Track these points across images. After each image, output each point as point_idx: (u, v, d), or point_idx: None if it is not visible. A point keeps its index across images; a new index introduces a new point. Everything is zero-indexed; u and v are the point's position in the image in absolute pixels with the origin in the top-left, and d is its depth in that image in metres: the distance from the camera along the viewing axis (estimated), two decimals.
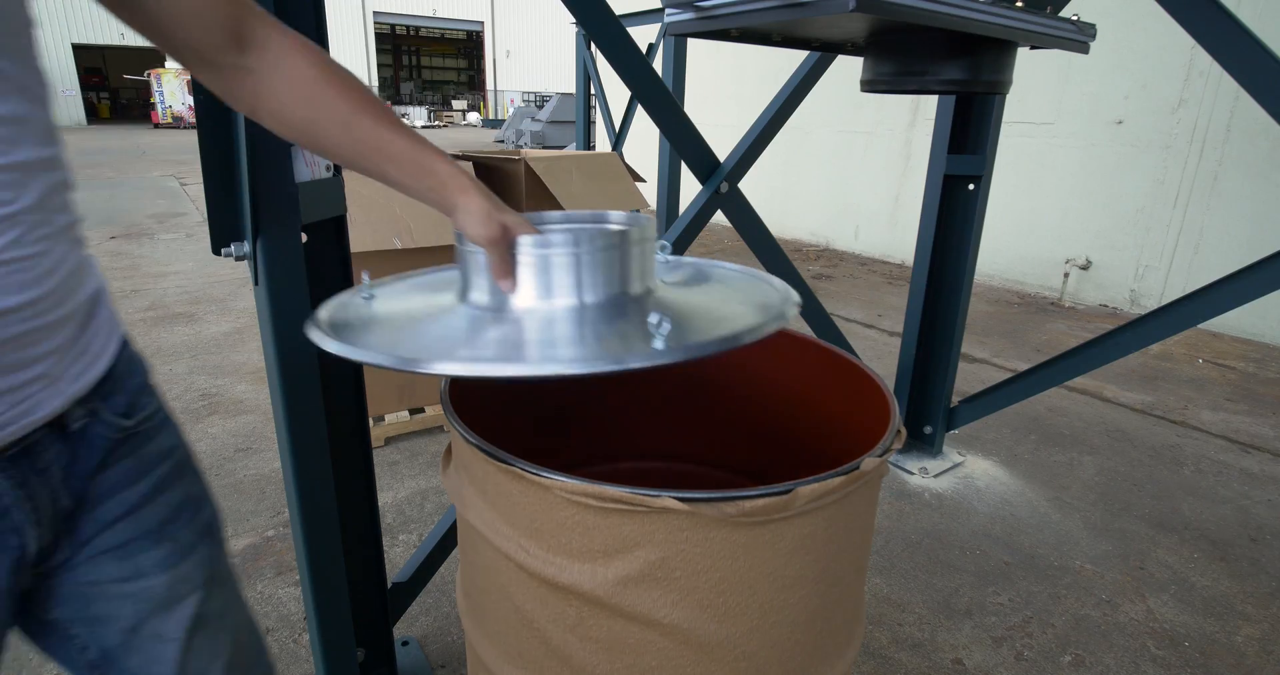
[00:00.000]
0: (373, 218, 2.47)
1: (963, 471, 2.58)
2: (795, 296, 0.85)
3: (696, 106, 7.42)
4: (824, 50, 1.28)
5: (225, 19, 0.64)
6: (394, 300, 0.92)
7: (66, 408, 0.62)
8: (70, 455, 0.64)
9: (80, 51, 25.78)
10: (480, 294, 0.81)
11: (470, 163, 2.79)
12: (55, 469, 0.63)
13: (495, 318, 0.78)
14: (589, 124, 5.94)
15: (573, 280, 0.78)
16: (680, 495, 0.71)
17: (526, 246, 0.76)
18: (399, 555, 2.02)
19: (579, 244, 0.77)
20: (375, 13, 32.58)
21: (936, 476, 2.54)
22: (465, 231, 0.75)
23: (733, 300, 0.86)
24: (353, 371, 1.26)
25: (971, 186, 2.34)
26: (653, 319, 0.69)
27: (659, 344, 0.67)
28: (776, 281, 0.93)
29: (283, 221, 1.01)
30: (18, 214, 0.54)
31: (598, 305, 0.79)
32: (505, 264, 0.77)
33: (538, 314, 0.78)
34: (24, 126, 0.55)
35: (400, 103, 39.81)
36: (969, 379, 3.43)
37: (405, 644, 1.67)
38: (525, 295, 0.79)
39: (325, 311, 0.85)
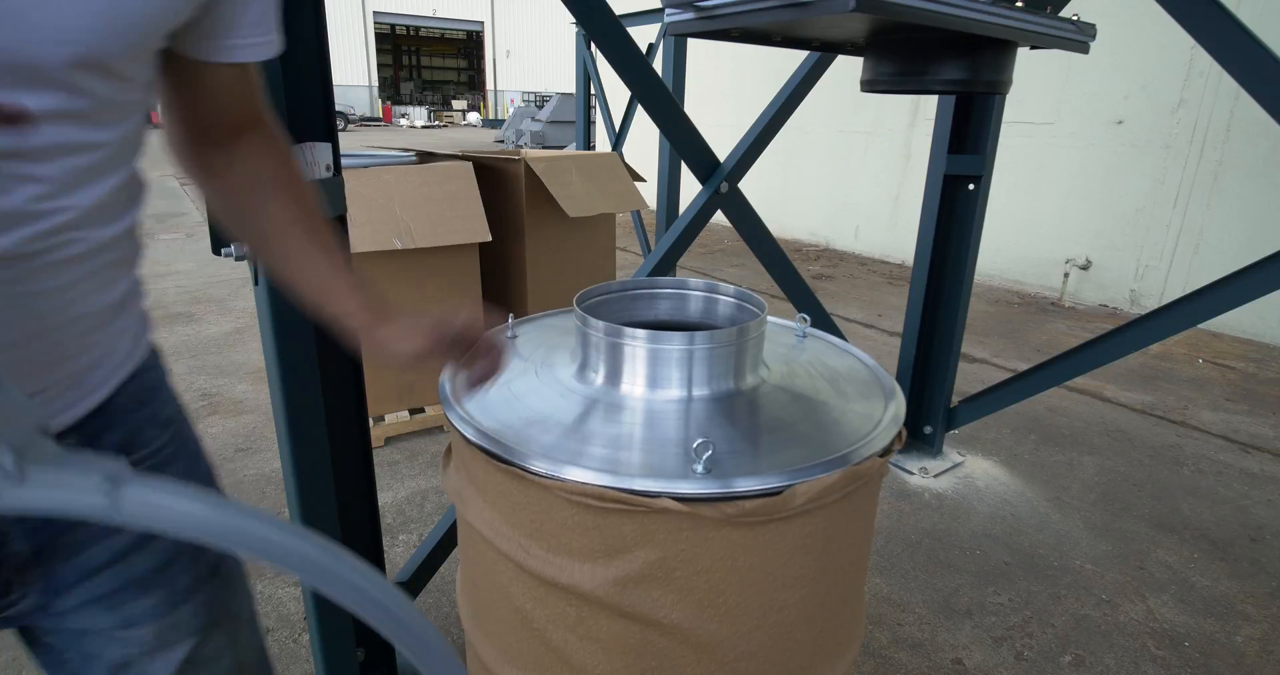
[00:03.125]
0: (373, 218, 2.47)
1: (963, 471, 2.58)
2: (898, 413, 0.87)
3: (696, 106, 7.42)
4: (824, 50, 1.28)
5: (252, 107, 0.69)
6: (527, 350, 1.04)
7: None
8: None
9: None
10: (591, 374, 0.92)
11: (470, 163, 2.79)
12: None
13: (593, 405, 0.88)
14: (589, 124, 5.94)
15: (683, 374, 0.87)
16: (679, 495, 0.71)
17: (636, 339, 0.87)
18: (399, 555, 2.02)
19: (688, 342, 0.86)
20: (375, 13, 32.57)
21: (936, 476, 2.53)
22: (394, 355, 0.72)
23: (813, 416, 0.88)
24: (353, 372, 1.26)
25: (971, 186, 2.34)
26: (697, 444, 0.74)
27: (699, 468, 0.73)
28: (892, 388, 0.95)
29: None
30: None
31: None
32: (470, 363, 0.77)
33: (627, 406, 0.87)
34: (119, 155, 0.56)
35: (400, 103, 39.81)
36: (969, 379, 3.43)
37: None
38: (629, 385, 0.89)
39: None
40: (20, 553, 0.61)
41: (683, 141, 1.86)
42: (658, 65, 4.56)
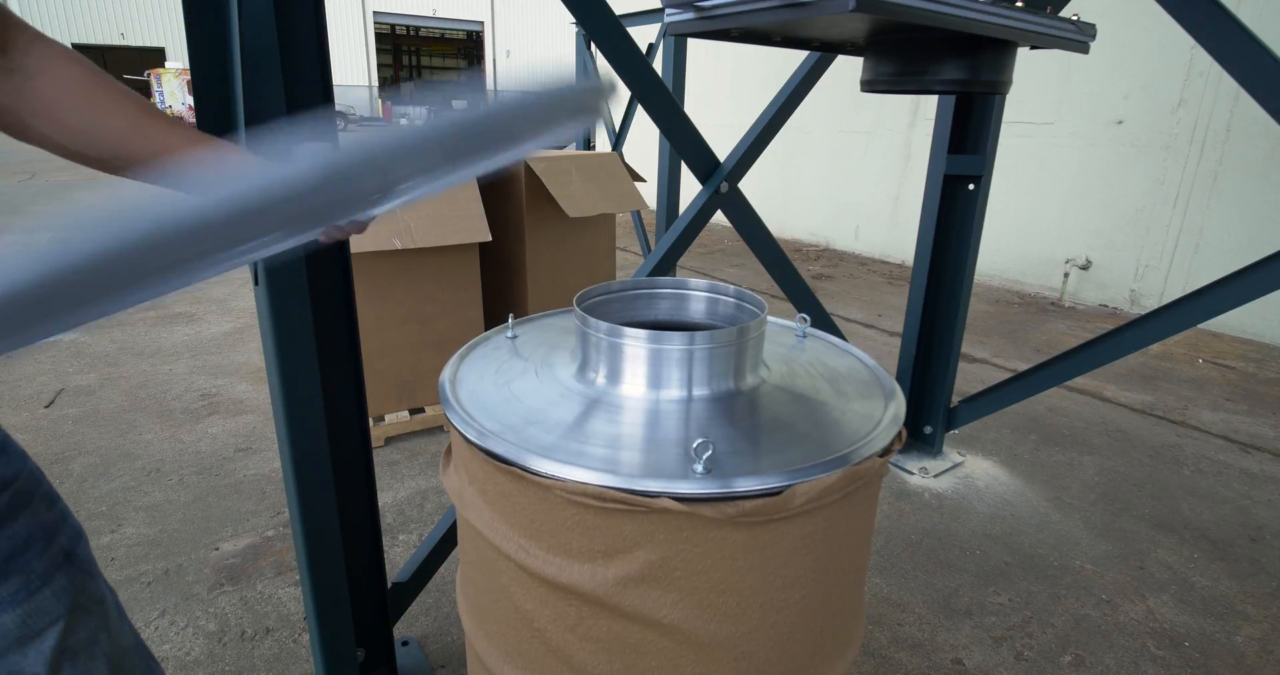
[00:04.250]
0: None
1: (963, 471, 2.58)
2: (898, 412, 0.87)
3: (696, 106, 7.42)
4: (824, 50, 1.28)
5: None
6: (528, 348, 1.05)
7: None
8: None
9: (80, 51, 25.74)
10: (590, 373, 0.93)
11: None
12: None
13: (592, 404, 0.88)
14: None
15: (683, 375, 0.87)
16: (679, 495, 0.71)
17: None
18: (399, 555, 2.02)
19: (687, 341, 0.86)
20: (375, 13, 32.56)
21: (936, 476, 2.53)
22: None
23: (813, 416, 0.88)
24: (352, 371, 1.26)
25: (971, 186, 2.34)
26: (696, 444, 0.73)
27: (699, 468, 0.73)
28: (892, 389, 0.95)
29: None
30: None
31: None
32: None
33: (625, 406, 0.87)
34: None
35: (400, 103, 39.75)
36: (969, 379, 3.43)
37: (405, 644, 1.67)
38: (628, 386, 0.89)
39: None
40: None
41: (683, 141, 1.86)
42: (658, 65, 4.56)
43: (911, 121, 5.91)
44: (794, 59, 2.02)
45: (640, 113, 5.11)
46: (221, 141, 0.73)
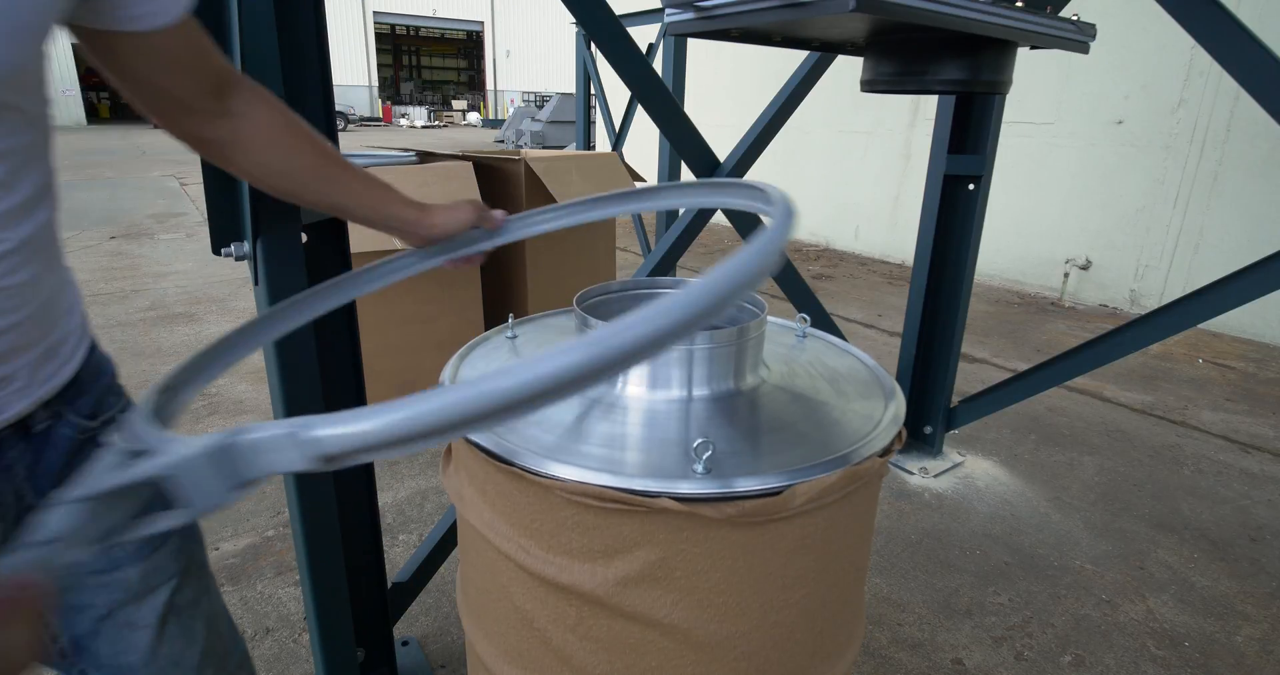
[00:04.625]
0: None
1: (963, 471, 2.58)
2: (898, 413, 0.87)
3: (696, 106, 7.42)
4: (824, 50, 1.28)
5: (212, 69, 0.71)
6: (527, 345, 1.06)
7: (31, 410, 0.64)
8: (34, 455, 0.66)
9: (81, 51, 25.73)
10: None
11: (470, 163, 2.79)
12: (19, 468, 0.65)
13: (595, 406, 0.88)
14: (589, 124, 5.93)
15: (684, 374, 0.87)
16: (679, 495, 0.71)
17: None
18: (399, 555, 2.02)
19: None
20: (375, 13, 32.57)
21: (936, 476, 2.54)
22: (453, 228, 0.93)
23: (813, 416, 0.88)
24: (353, 371, 1.26)
25: (971, 186, 2.34)
26: (696, 444, 0.73)
27: (699, 468, 0.72)
28: (892, 388, 0.95)
29: (283, 221, 1.02)
30: (17, 248, 0.57)
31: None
32: (488, 212, 0.96)
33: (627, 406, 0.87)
34: (31, 156, 0.58)
35: (400, 103, 39.81)
36: (969, 379, 3.43)
37: (405, 644, 1.67)
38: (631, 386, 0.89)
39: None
40: (31, 505, 0.67)
41: (683, 141, 1.86)
42: (658, 65, 4.56)
43: (911, 121, 5.91)
44: (794, 59, 2.02)
45: (640, 113, 5.10)
46: (383, 183, 0.87)
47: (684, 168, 3.71)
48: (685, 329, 0.42)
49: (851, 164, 6.49)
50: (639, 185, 0.98)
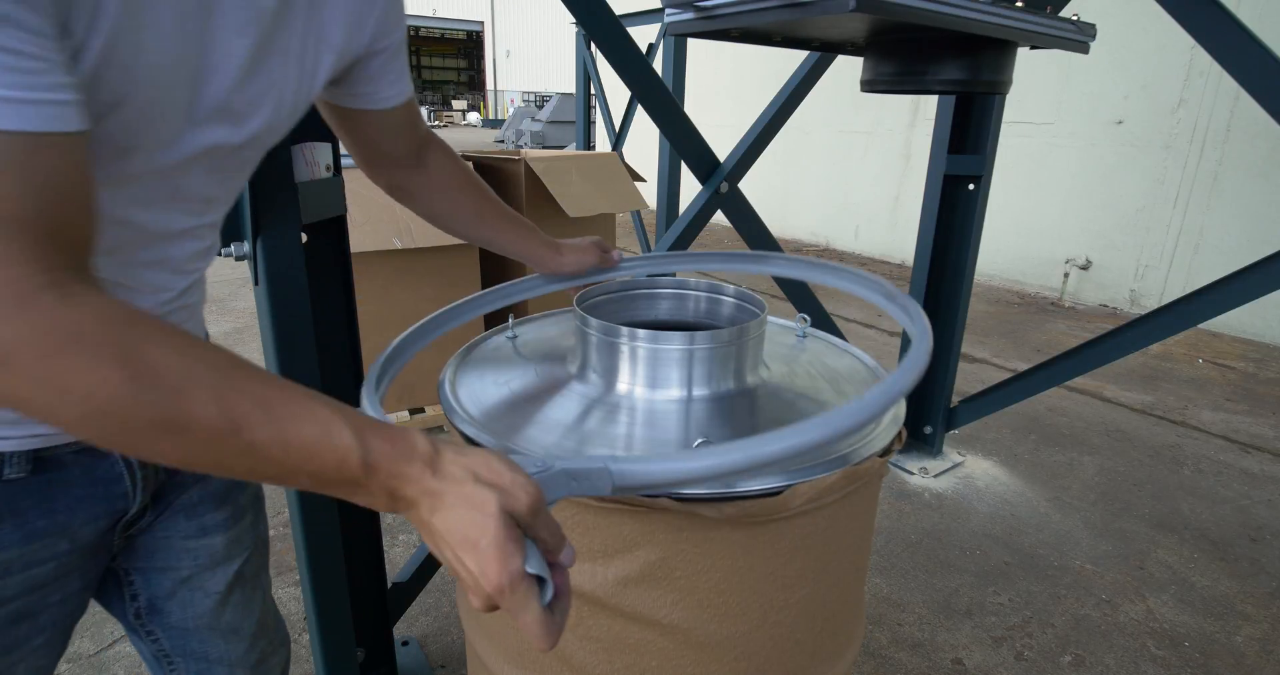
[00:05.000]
0: (373, 217, 2.47)
1: (963, 471, 2.58)
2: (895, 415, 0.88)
3: (696, 106, 7.41)
4: (824, 50, 1.28)
5: (419, 133, 0.90)
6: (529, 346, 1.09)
7: None
8: None
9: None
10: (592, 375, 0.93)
11: (470, 163, 2.79)
12: None
13: (593, 403, 0.88)
14: (589, 124, 5.93)
15: (683, 375, 0.88)
16: (680, 495, 0.71)
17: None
18: (399, 555, 2.02)
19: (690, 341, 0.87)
20: None
21: (936, 476, 2.54)
22: (577, 266, 1.06)
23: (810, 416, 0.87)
24: (352, 371, 1.26)
25: (971, 186, 2.34)
26: (696, 444, 0.74)
27: None
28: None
29: (283, 221, 1.02)
30: (202, 277, 0.72)
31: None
32: (608, 254, 1.10)
33: (626, 405, 0.88)
34: (217, 226, 0.71)
35: None
36: (969, 379, 3.43)
37: (405, 644, 1.67)
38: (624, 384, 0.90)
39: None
40: (163, 479, 0.75)
41: (683, 141, 1.86)
42: (658, 65, 4.56)
43: (911, 121, 5.91)
44: (794, 59, 2.02)
45: (640, 113, 5.11)
46: (527, 225, 1.01)
47: (684, 168, 3.71)
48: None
49: (851, 164, 6.49)
50: (802, 258, 1.07)
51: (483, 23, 35.89)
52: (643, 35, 3.87)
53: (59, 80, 0.42)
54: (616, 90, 6.14)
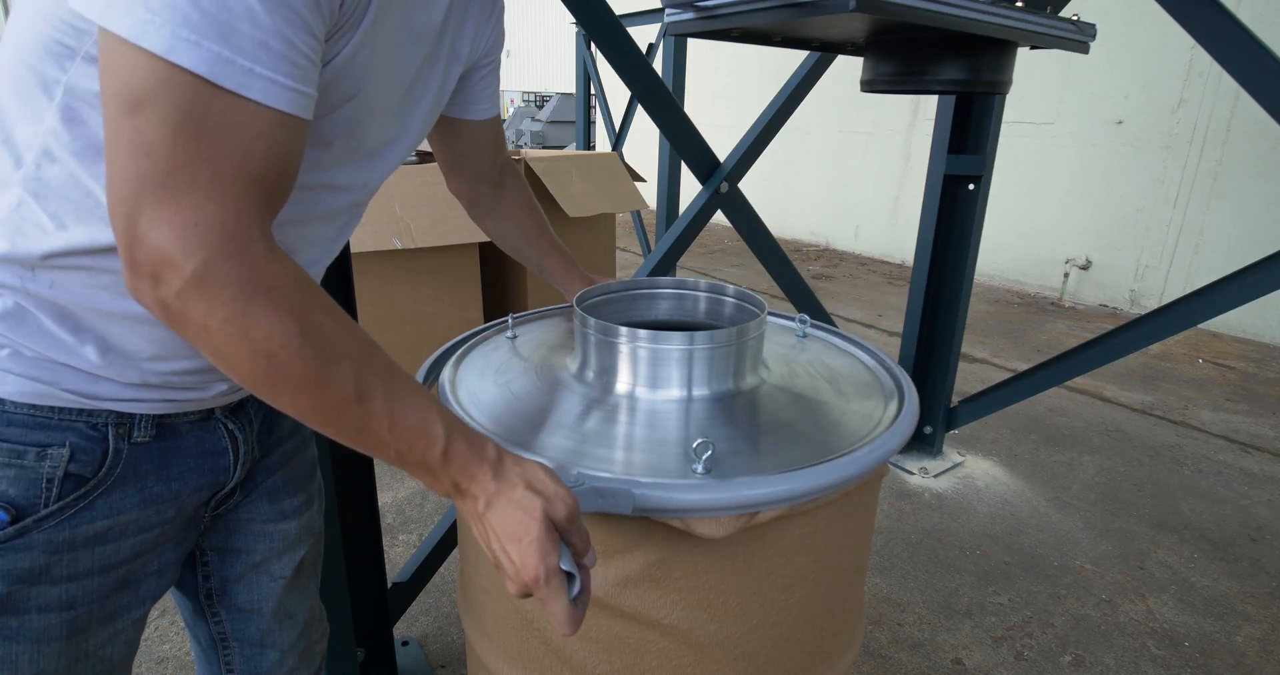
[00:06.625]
0: (373, 217, 2.47)
1: (963, 471, 2.58)
2: (898, 414, 0.88)
3: (696, 106, 7.42)
4: (824, 50, 1.28)
5: (501, 152, 1.00)
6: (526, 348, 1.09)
7: None
8: (267, 409, 0.79)
9: None
10: (589, 374, 0.94)
11: None
12: (256, 421, 0.78)
13: (591, 402, 0.88)
14: (589, 124, 5.93)
15: (683, 374, 0.88)
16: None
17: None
18: (399, 555, 2.02)
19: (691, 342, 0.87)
20: None
21: (936, 476, 2.54)
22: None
23: (813, 416, 0.87)
24: None
25: (971, 186, 2.34)
26: (696, 444, 0.73)
27: (698, 468, 0.72)
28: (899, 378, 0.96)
29: None
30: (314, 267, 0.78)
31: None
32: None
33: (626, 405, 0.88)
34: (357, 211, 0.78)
35: None
36: (969, 379, 3.43)
37: (405, 644, 1.67)
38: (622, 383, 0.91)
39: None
40: (257, 457, 0.79)
41: (683, 141, 1.86)
42: (658, 65, 4.56)
43: (911, 121, 5.91)
44: (794, 59, 2.02)
45: (640, 113, 5.11)
46: (570, 258, 1.10)
47: (684, 168, 3.71)
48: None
49: (851, 164, 6.49)
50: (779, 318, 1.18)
51: None
52: (643, 35, 3.87)
53: (314, 78, 0.52)
54: (616, 90, 6.14)
